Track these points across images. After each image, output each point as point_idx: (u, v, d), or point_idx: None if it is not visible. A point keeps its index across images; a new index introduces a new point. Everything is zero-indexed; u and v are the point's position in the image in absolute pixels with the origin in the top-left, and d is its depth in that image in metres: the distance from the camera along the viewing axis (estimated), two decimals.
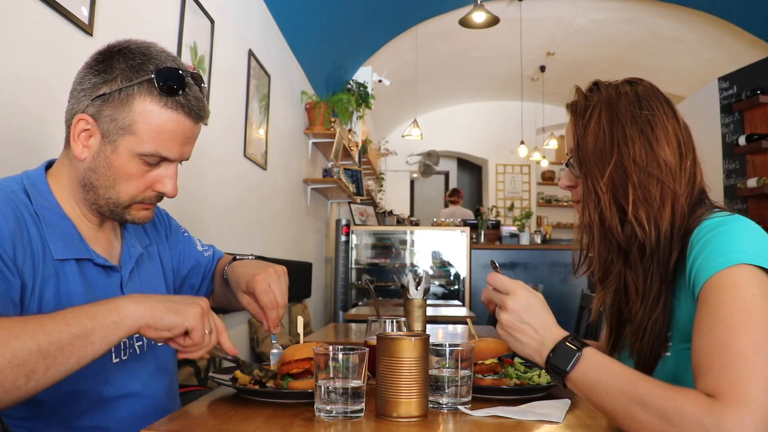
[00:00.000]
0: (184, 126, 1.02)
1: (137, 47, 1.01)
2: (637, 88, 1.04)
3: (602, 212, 1.00)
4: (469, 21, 4.57)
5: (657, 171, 0.98)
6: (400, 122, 9.32)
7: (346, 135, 5.31)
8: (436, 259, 6.14)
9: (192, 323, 0.89)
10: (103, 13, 1.81)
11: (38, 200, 1.00)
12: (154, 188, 1.04)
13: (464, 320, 3.07)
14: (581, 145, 1.04)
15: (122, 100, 0.98)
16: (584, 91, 1.09)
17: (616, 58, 7.19)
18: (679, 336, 0.96)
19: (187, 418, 0.90)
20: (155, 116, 0.98)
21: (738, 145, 5.06)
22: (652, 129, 0.99)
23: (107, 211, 1.05)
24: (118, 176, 1.01)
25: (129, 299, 0.88)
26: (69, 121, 1.03)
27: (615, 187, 0.99)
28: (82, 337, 0.82)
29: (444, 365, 0.98)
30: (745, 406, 0.73)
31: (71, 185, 1.05)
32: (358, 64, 6.00)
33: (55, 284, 0.97)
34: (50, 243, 0.97)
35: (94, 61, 1.02)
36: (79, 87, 1.01)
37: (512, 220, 8.72)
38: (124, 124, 0.98)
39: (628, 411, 0.80)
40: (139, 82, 0.97)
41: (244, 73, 3.26)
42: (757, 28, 5.58)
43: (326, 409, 0.89)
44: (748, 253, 0.84)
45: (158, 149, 1.00)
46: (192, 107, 1.01)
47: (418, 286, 1.55)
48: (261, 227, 3.66)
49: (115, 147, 0.99)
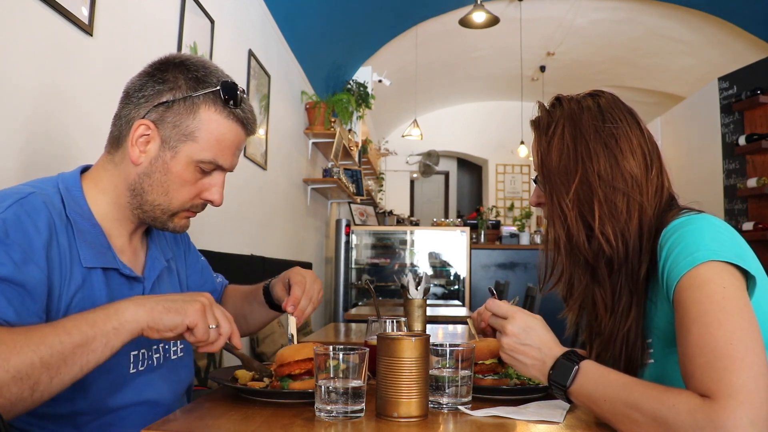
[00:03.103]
0: (240, 137, 1.07)
1: (197, 60, 1.06)
2: (599, 101, 1.04)
3: (569, 229, 1.00)
4: (469, 21, 4.57)
5: (623, 185, 0.97)
6: (400, 122, 9.32)
7: (346, 135, 5.31)
8: (436, 259, 6.14)
9: (192, 320, 0.89)
10: (103, 13, 1.81)
11: (71, 206, 1.00)
12: (202, 196, 1.08)
13: (464, 320, 3.07)
14: (545, 161, 1.04)
15: (188, 108, 1.02)
16: (547, 106, 1.09)
17: (616, 58, 7.19)
18: (659, 342, 0.96)
19: (187, 418, 0.90)
20: (217, 125, 1.03)
21: (738, 145, 5.05)
22: (616, 141, 0.99)
23: (150, 218, 1.07)
24: (172, 182, 1.04)
25: (128, 303, 0.88)
26: (121, 125, 1.05)
27: (581, 203, 0.99)
28: (84, 346, 0.82)
29: (444, 365, 0.98)
30: (733, 398, 0.74)
31: (114, 189, 1.06)
32: (358, 64, 6.00)
33: (82, 291, 0.97)
34: (80, 250, 0.98)
35: (153, 69, 1.05)
36: (138, 94, 1.03)
37: (512, 220, 8.72)
38: (186, 131, 1.02)
39: (626, 416, 0.81)
40: (205, 93, 1.02)
41: (244, 73, 3.26)
42: (757, 28, 5.58)
43: (326, 409, 0.89)
44: (714, 250, 0.85)
45: (216, 157, 1.04)
46: (248, 120, 1.07)
47: (418, 286, 1.55)
48: (261, 227, 3.66)
49: (175, 153, 1.02)
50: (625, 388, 0.83)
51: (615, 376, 0.86)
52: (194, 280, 1.32)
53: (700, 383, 0.78)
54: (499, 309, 0.99)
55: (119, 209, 1.07)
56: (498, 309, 0.99)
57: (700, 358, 0.79)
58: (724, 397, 0.74)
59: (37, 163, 1.53)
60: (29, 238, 0.89)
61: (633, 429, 0.80)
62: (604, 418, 0.85)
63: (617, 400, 0.83)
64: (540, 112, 1.09)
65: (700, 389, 0.78)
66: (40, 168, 1.54)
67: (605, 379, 0.86)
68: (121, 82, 2.04)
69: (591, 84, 7.89)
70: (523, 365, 0.95)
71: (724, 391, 0.75)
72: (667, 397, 0.78)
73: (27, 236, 0.89)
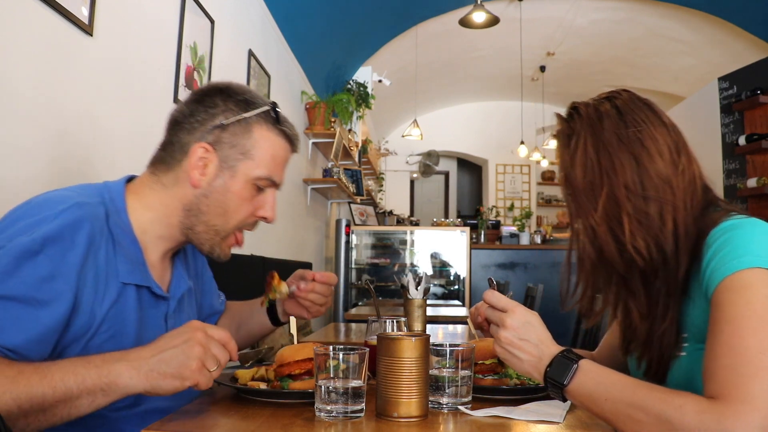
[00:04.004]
0: (288, 153, 1.13)
1: (237, 85, 1.11)
2: (616, 103, 1.00)
3: (600, 246, 0.97)
4: (469, 21, 4.57)
5: (652, 191, 0.94)
6: (400, 122, 9.32)
7: (346, 135, 5.31)
8: (436, 259, 6.14)
9: (192, 382, 0.86)
10: (103, 13, 1.81)
11: (114, 218, 1.01)
12: (256, 213, 1.12)
13: (464, 320, 3.07)
14: (570, 177, 1.00)
15: (242, 128, 1.06)
16: (565, 116, 1.05)
17: (616, 58, 7.19)
18: (693, 337, 0.94)
19: (187, 418, 0.90)
20: (271, 143, 1.08)
21: (738, 145, 5.06)
22: (642, 144, 0.96)
23: (200, 239, 1.09)
24: (231, 200, 1.07)
25: (123, 367, 0.85)
26: (173, 151, 1.07)
27: (609, 219, 0.96)
28: (67, 402, 0.82)
29: (444, 365, 0.98)
30: (747, 404, 0.73)
31: (164, 208, 1.07)
32: (358, 64, 6.00)
33: (115, 306, 0.97)
34: (119, 264, 0.99)
35: (200, 96, 1.08)
36: (190, 119, 1.06)
37: (512, 220, 8.72)
38: (243, 150, 1.06)
39: (629, 416, 0.80)
40: (257, 113, 1.07)
41: (244, 73, 3.26)
42: (757, 28, 5.58)
43: (326, 409, 0.89)
44: (762, 257, 0.83)
45: (271, 173, 1.09)
46: (295, 137, 1.14)
47: (418, 286, 1.55)
48: (261, 227, 3.65)
49: (234, 172, 1.06)
50: (628, 388, 0.82)
51: (617, 376, 0.85)
52: (207, 299, 1.33)
53: (718, 384, 0.77)
54: (498, 301, 0.96)
55: (166, 227, 1.08)
56: (497, 301, 0.97)
57: (726, 359, 0.77)
58: (738, 401, 0.73)
59: (25, 164, 1.53)
60: (64, 254, 0.89)
61: (635, 429, 0.79)
62: (603, 417, 0.85)
63: (620, 399, 0.82)
64: (560, 123, 1.05)
65: (715, 389, 0.76)
66: (39, 168, 1.54)
67: (607, 378, 0.85)
68: (121, 82, 2.04)
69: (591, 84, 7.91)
70: (519, 360, 0.93)
71: (740, 396, 0.73)
72: (673, 399, 0.77)
73: (63, 251, 0.89)
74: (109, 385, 0.84)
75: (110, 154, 1.89)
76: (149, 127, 2.13)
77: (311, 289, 1.25)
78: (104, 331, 0.96)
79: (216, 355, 0.89)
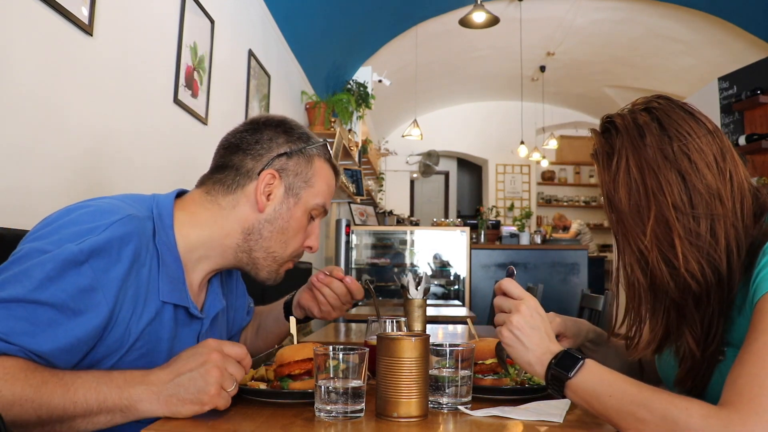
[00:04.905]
0: (335, 185, 1.20)
1: (291, 120, 1.17)
2: (656, 114, 0.94)
3: (652, 272, 0.92)
4: (469, 21, 4.57)
5: (702, 208, 0.88)
6: (400, 122, 9.32)
7: (346, 135, 5.31)
8: (436, 259, 6.14)
9: (211, 406, 0.87)
10: (103, 13, 1.81)
11: (161, 235, 1.01)
12: (305, 243, 1.16)
13: (464, 320, 3.07)
14: (614, 201, 0.95)
15: (305, 158, 1.13)
16: (601, 132, 0.99)
17: (615, 58, 7.19)
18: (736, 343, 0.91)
19: (187, 418, 0.90)
20: (327, 174, 1.16)
21: (738, 145, 5.06)
22: (689, 159, 0.90)
23: (256, 265, 1.11)
24: (292, 227, 1.11)
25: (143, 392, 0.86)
26: (236, 176, 1.09)
27: (660, 242, 0.90)
28: (86, 417, 0.84)
29: (444, 365, 0.98)
30: (759, 415, 0.71)
31: (219, 228, 1.08)
32: (358, 64, 6.00)
33: (152, 324, 0.98)
34: (161, 283, 0.99)
35: (260, 125, 1.13)
36: (257, 147, 1.10)
37: (512, 220, 8.72)
38: (306, 178, 1.12)
39: (632, 414, 0.80)
40: (316, 145, 1.14)
41: (244, 73, 3.26)
42: (757, 28, 5.58)
43: (326, 409, 0.89)
44: None
45: (325, 202, 1.15)
46: (339, 172, 1.22)
47: (418, 286, 1.55)
48: None
49: (298, 199, 1.11)
50: (633, 387, 0.82)
51: (621, 376, 0.85)
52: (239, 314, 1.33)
53: (735, 391, 0.75)
54: (515, 289, 0.96)
55: (218, 248, 1.09)
56: (514, 289, 0.96)
57: (752, 367, 0.75)
58: (751, 411, 0.72)
59: (28, 169, 1.53)
60: (108, 267, 0.90)
61: (638, 427, 0.79)
62: (606, 414, 0.84)
63: (624, 397, 0.81)
64: (597, 142, 0.99)
65: (731, 396, 0.75)
66: (37, 168, 1.54)
67: (611, 376, 0.85)
68: (121, 82, 2.04)
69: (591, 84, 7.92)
70: (524, 348, 0.93)
71: (753, 407, 0.72)
72: (679, 401, 0.77)
73: (107, 265, 0.90)
74: (129, 408, 0.85)
75: (110, 153, 1.89)
76: (149, 126, 2.13)
77: (328, 283, 1.26)
78: (138, 348, 0.96)
79: (233, 374, 0.90)
